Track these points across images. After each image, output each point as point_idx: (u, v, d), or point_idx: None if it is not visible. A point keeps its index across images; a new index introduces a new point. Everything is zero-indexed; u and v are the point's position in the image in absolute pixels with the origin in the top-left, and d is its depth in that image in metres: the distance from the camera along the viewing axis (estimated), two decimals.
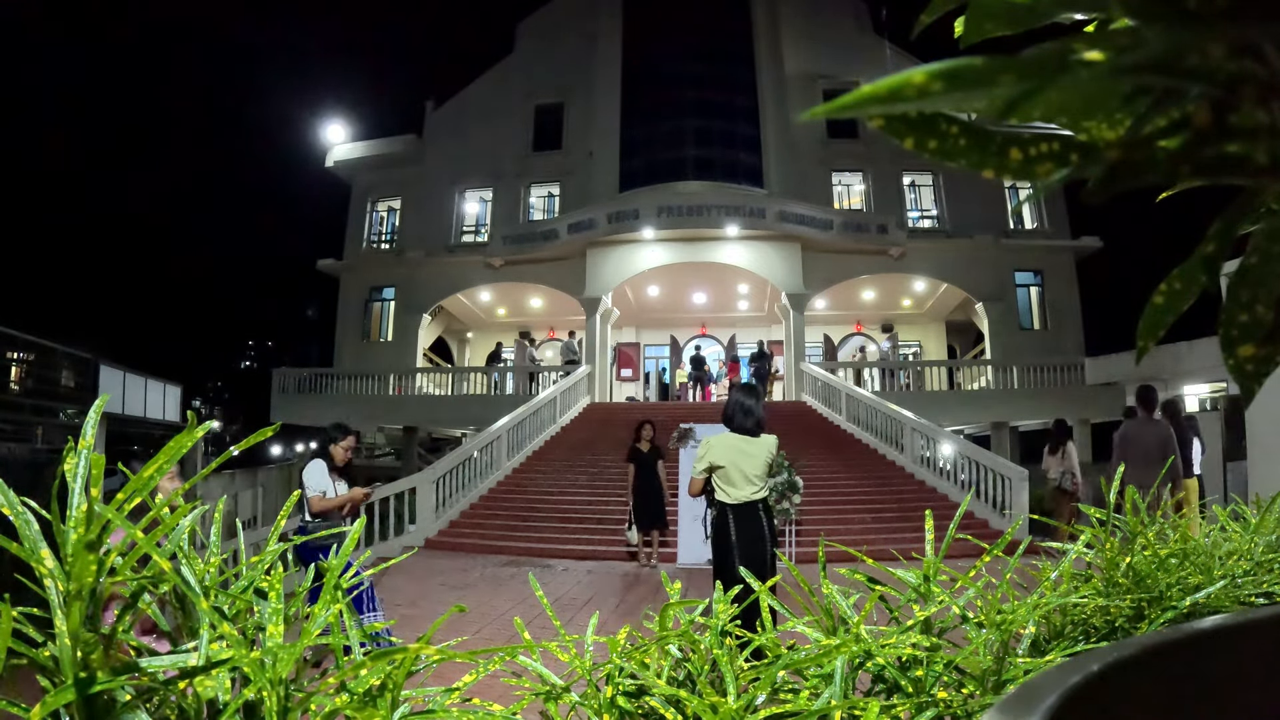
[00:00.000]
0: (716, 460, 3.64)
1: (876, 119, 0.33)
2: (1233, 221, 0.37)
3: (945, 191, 18.84)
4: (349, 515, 4.27)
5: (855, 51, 19.07)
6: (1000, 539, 1.45)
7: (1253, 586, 1.63)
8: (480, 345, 21.85)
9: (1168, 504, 2.26)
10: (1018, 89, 0.30)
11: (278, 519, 1.17)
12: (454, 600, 5.73)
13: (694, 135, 18.41)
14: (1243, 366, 0.41)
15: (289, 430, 32.11)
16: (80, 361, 12.93)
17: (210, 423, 0.94)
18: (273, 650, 0.81)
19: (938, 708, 1.06)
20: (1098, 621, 1.50)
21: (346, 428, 4.39)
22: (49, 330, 13.16)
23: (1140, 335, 0.43)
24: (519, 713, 1.00)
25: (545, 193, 20.04)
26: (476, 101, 20.41)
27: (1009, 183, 14.92)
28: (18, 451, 9.84)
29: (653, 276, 17.65)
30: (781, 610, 1.37)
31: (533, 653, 1.07)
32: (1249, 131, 0.33)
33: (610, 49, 19.36)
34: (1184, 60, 0.31)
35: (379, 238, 20.97)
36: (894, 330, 19.45)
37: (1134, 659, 0.49)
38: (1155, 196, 0.45)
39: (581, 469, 11.45)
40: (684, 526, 8.32)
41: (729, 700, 0.97)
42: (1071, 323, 17.57)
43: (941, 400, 15.69)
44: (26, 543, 0.75)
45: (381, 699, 0.85)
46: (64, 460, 0.79)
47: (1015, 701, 0.42)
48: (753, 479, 3.62)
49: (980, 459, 9.84)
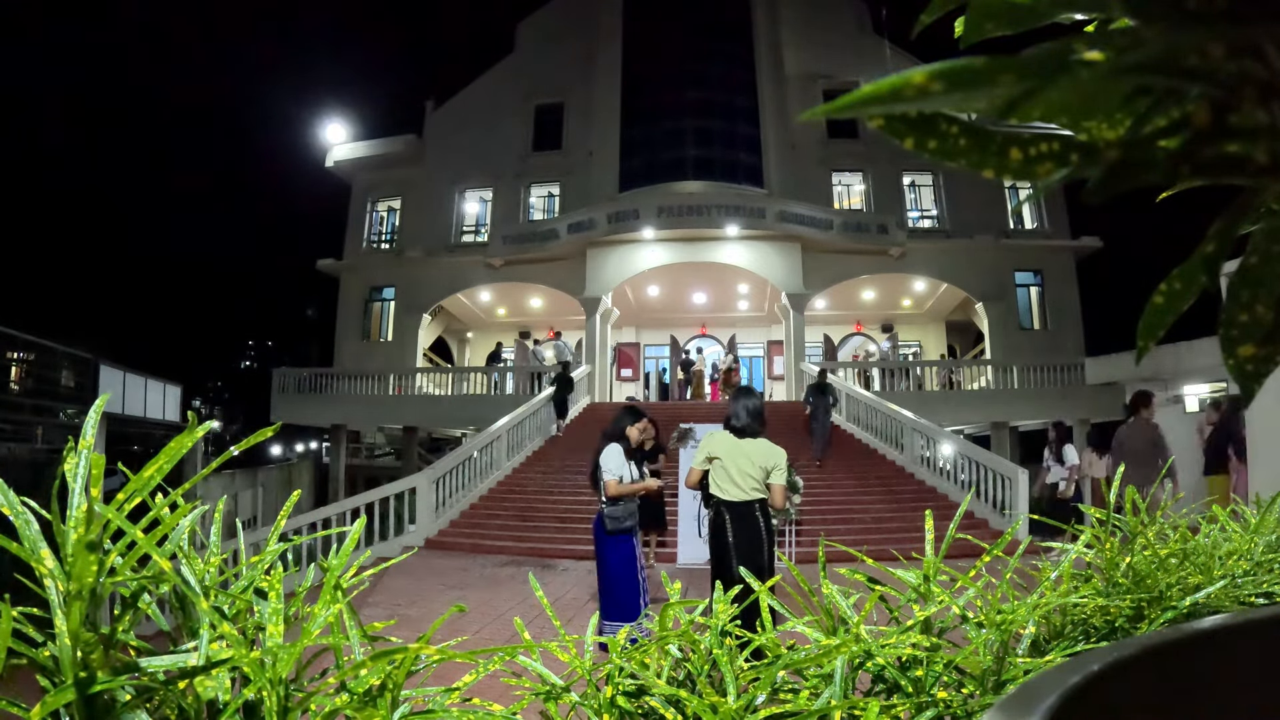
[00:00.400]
0: (714, 452, 3.67)
1: (876, 119, 0.33)
2: (1233, 221, 0.37)
3: (945, 191, 18.84)
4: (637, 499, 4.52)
5: (855, 51, 19.08)
6: (1000, 539, 1.45)
7: (1253, 586, 1.63)
8: (480, 345, 21.85)
9: (1167, 504, 2.26)
10: (1018, 89, 0.31)
11: (278, 519, 1.17)
12: (454, 600, 5.73)
13: (694, 135, 18.41)
14: (1243, 366, 0.41)
15: (289, 430, 32.12)
16: (80, 361, 12.93)
17: (210, 423, 0.94)
18: (273, 650, 0.81)
19: (938, 708, 1.06)
20: (1098, 621, 1.50)
21: (639, 410, 4.68)
22: (49, 330, 13.17)
23: (1140, 335, 0.43)
24: (519, 713, 1.00)
25: (545, 193, 20.04)
26: (476, 101, 20.41)
27: (1009, 183, 14.92)
28: (18, 451, 9.83)
29: (653, 276, 17.65)
30: (781, 610, 1.37)
31: (533, 653, 1.07)
32: (1249, 131, 0.33)
33: (610, 49, 19.35)
34: (1184, 60, 0.31)
35: (379, 238, 20.98)
36: (894, 330, 19.47)
37: (1134, 659, 0.49)
38: (1155, 196, 0.45)
39: (582, 469, 11.44)
40: (684, 526, 8.32)
41: (729, 700, 0.97)
42: (1071, 323, 17.58)
43: (941, 400, 15.69)
44: (26, 543, 0.75)
45: (381, 699, 0.85)
46: (64, 460, 0.79)
47: (1015, 701, 0.42)
48: (748, 478, 3.61)
49: (980, 459, 9.84)
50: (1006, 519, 8.98)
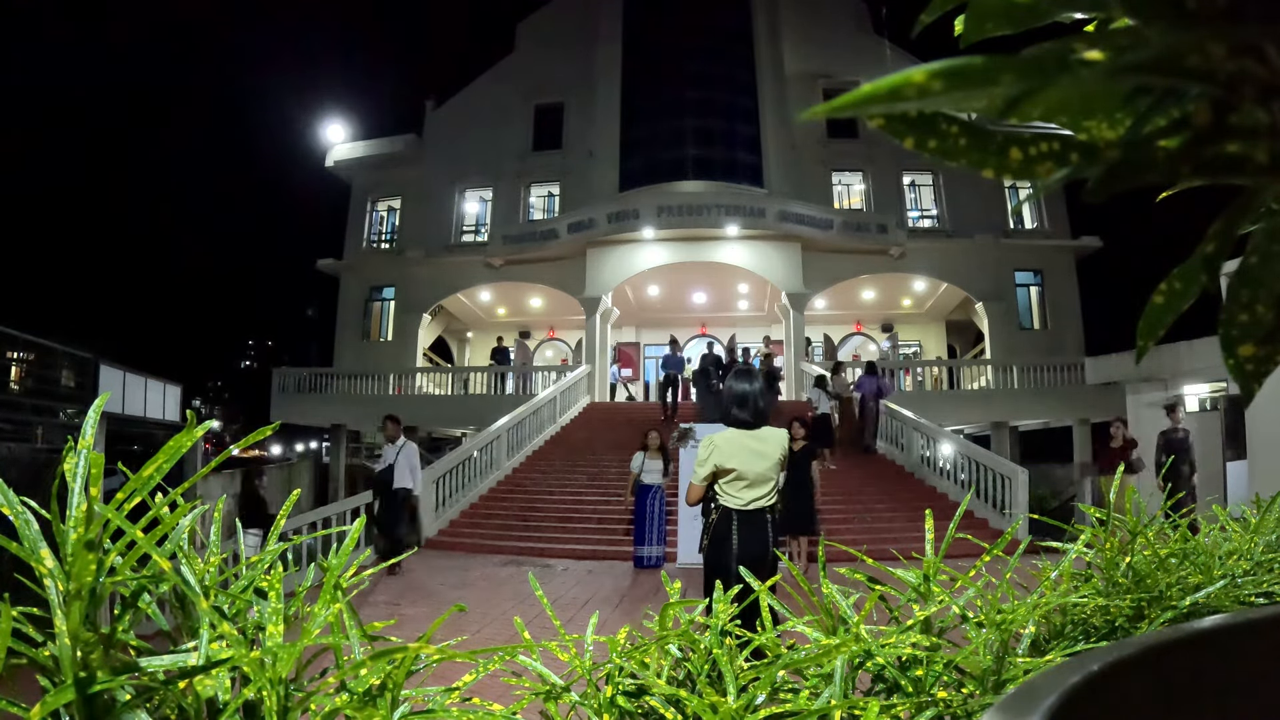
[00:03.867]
0: (724, 462, 3.02)
1: (876, 118, 0.33)
2: (1233, 221, 0.37)
3: (945, 191, 18.84)
4: None
5: (855, 51, 19.06)
6: (1000, 539, 1.45)
7: (1253, 586, 1.63)
8: (480, 345, 21.85)
9: (1166, 504, 2.27)
10: (1018, 88, 0.30)
11: (278, 518, 1.17)
12: (454, 600, 5.73)
13: (694, 135, 18.40)
14: (1243, 366, 0.41)
15: (289, 430, 32.09)
16: (80, 361, 12.91)
17: (210, 422, 0.94)
18: (273, 650, 0.81)
19: (938, 707, 1.06)
20: (1098, 621, 1.50)
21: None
22: (49, 330, 13.17)
23: (1140, 335, 0.43)
24: (519, 712, 1.00)
25: (545, 192, 20.04)
26: (476, 101, 20.40)
27: (1009, 182, 14.89)
28: (18, 451, 9.83)
29: (653, 276, 17.64)
30: (781, 610, 1.36)
31: (533, 652, 1.07)
32: (1249, 131, 0.33)
33: (610, 49, 19.34)
34: (1184, 60, 0.31)
35: (379, 237, 20.98)
36: (894, 330, 19.46)
37: (1134, 659, 0.49)
38: (1155, 196, 0.45)
39: (581, 469, 11.45)
40: (684, 526, 8.33)
41: (729, 700, 0.97)
42: (1071, 322, 17.58)
43: (941, 400, 15.69)
44: (26, 542, 0.75)
45: (381, 698, 0.85)
46: (64, 460, 0.79)
47: (1015, 701, 0.42)
48: (766, 480, 3.07)
49: (980, 458, 9.85)
50: (1006, 519, 8.99)
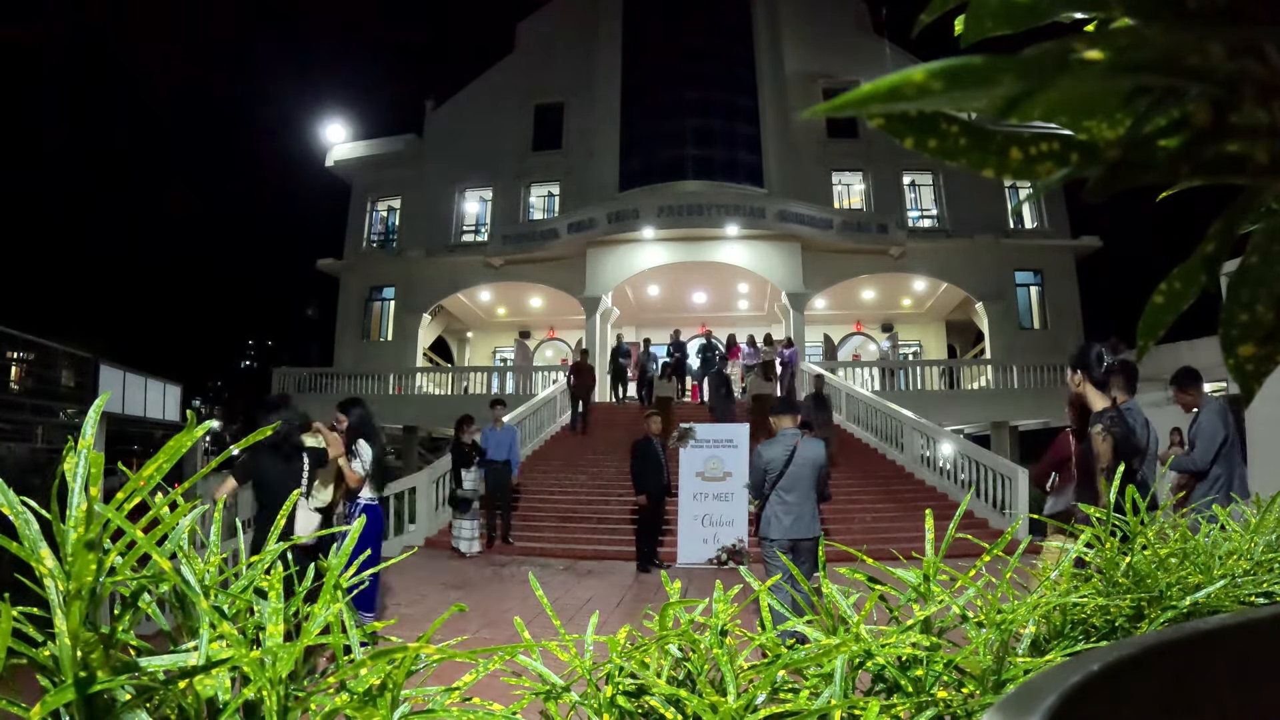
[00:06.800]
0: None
1: (876, 118, 0.33)
2: (1233, 221, 0.37)
3: (945, 191, 18.84)
4: None
5: (855, 51, 19.07)
6: (1000, 538, 1.45)
7: (1253, 586, 1.63)
8: (480, 345, 21.85)
9: (1168, 502, 2.27)
10: (1018, 88, 0.30)
11: (277, 518, 1.17)
12: (454, 600, 5.74)
13: (694, 135, 18.40)
14: (1243, 366, 0.40)
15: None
16: (80, 361, 12.91)
17: (210, 422, 0.94)
18: (273, 650, 0.81)
19: (938, 707, 1.06)
20: (1098, 621, 1.50)
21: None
22: (49, 330, 13.15)
23: (1140, 335, 0.43)
24: (519, 712, 1.00)
25: (545, 192, 20.04)
26: (476, 101, 20.40)
27: (1009, 182, 14.88)
28: (18, 451, 9.83)
29: (653, 276, 17.64)
30: (781, 610, 1.37)
31: (533, 652, 1.07)
32: (1249, 131, 0.33)
33: (610, 49, 19.35)
34: (1184, 60, 0.31)
35: (379, 237, 20.97)
36: (894, 330, 19.45)
37: (1134, 659, 0.49)
38: (1155, 196, 0.45)
39: (581, 469, 11.45)
40: (684, 526, 8.32)
41: (729, 700, 0.97)
42: (1071, 322, 17.57)
43: (941, 400, 15.69)
44: (26, 542, 0.75)
45: (381, 698, 0.85)
46: (64, 460, 0.79)
47: (1015, 701, 0.42)
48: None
49: (980, 458, 9.85)
50: (1006, 518, 8.99)
